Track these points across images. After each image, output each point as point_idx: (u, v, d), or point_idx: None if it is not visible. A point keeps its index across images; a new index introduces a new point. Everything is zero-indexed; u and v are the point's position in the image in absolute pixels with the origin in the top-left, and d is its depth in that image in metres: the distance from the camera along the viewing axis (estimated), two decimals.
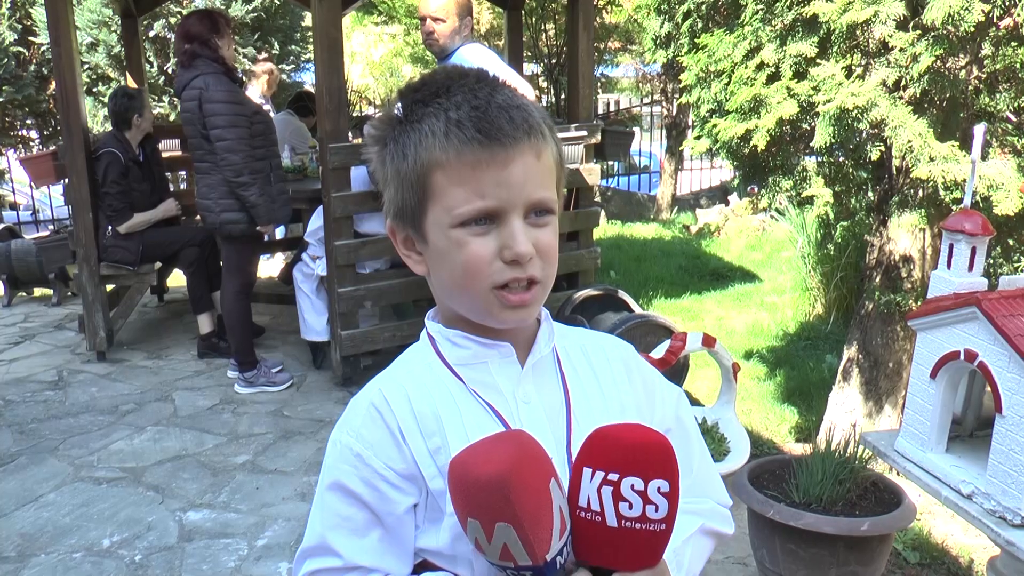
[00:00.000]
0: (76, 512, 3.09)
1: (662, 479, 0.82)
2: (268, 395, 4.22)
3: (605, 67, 11.98)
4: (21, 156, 8.70)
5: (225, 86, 3.98)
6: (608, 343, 1.10)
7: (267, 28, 9.15)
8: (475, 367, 0.98)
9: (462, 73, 0.96)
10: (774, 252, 7.61)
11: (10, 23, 8.52)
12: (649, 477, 0.82)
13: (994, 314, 1.70)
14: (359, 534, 0.95)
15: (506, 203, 0.90)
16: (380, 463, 0.93)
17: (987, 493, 1.74)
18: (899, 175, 3.12)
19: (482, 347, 0.98)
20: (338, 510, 0.96)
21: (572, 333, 1.09)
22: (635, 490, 0.82)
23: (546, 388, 1.00)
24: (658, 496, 0.82)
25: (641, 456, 0.83)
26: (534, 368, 1.00)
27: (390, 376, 1.01)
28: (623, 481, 0.82)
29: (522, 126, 0.91)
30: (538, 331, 1.01)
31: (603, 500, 0.83)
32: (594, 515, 0.84)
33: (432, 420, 0.94)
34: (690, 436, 1.10)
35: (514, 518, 0.78)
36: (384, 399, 0.96)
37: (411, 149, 0.93)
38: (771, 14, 2.93)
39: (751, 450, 3.25)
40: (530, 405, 0.97)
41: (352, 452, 0.95)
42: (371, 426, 0.95)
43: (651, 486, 0.82)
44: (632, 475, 0.82)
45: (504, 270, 0.91)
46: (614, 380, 1.04)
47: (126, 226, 4.58)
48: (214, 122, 3.91)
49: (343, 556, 0.95)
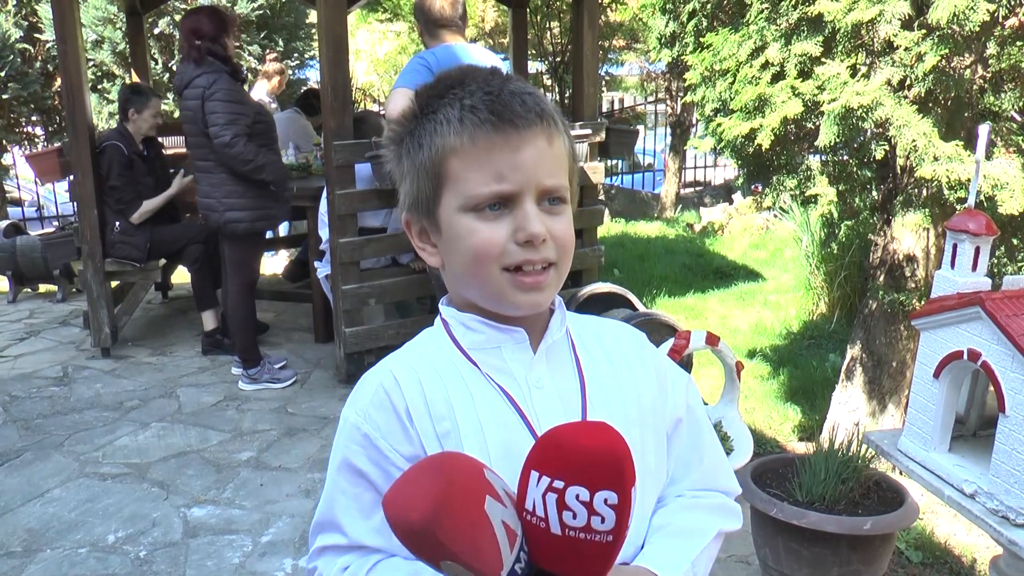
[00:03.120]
0: (81, 508, 3.10)
1: (610, 491, 0.78)
2: (272, 392, 4.23)
3: (610, 65, 11.97)
4: (26, 152, 8.72)
5: (228, 85, 3.99)
6: (622, 330, 1.10)
7: (272, 25, 9.15)
8: (488, 351, 0.98)
9: (476, 68, 0.99)
10: (778, 251, 7.61)
11: (16, 20, 8.53)
12: (596, 488, 0.78)
13: (997, 314, 1.70)
14: (365, 514, 0.96)
15: (520, 186, 0.92)
16: (386, 444, 0.94)
17: (990, 492, 1.74)
18: (903, 174, 3.11)
19: (496, 331, 0.98)
20: (345, 488, 0.97)
21: (586, 320, 1.09)
22: (580, 500, 0.79)
23: (560, 373, 1.00)
24: (605, 508, 0.79)
25: (589, 465, 0.79)
26: (547, 353, 1.00)
27: (402, 358, 1.01)
28: (568, 490, 0.79)
29: (535, 109, 0.93)
30: (551, 318, 1.02)
31: (547, 507, 0.80)
32: (539, 520, 0.81)
33: (443, 404, 0.94)
34: (700, 424, 1.11)
35: (453, 556, 0.76)
36: (394, 380, 0.96)
37: (426, 139, 0.95)
38: (776, 13, 2.93)
39: (754, 449, 3.24)
40: (543, 390, 0.98)
41: (360, 432, 0.96)
42: (379, 407, 0.95)
43: (597, 497, 0.78)
44: (578, 484, 0.79)
45: (517, 252, 0.92)
46: (629, 366, 1.05)
47: (138, 214, 4.59)
48: (213, 119, 3.92)
49: (348, 534, 0.96)
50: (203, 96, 3.94)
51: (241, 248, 4.26)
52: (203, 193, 4.16)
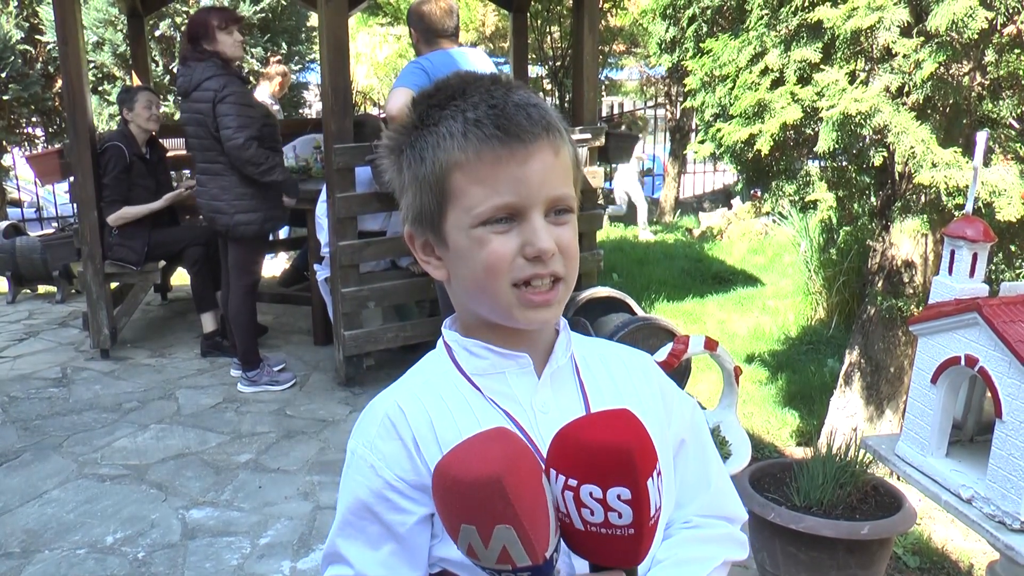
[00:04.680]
0: (80, 509, 3.10)
1: (621, 487, 0.78)
2: (271, 394, 4.23)
3: (610, 70, 11.99)
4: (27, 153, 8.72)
5: (239, 88, 4.01)
6: (626, 353, 1.09)
7: (274, 29, 9.17)
8: (493, 377, 0.97)
9: (476, 76, 0.96)
10: (776, 256, 7.62)
11: (17, 21, 8.54)
12: (608, 485, 0.78)
13: (995, 320, 1.70)
14: (372, 546, 0.95)
15: (527, 200, 0.90)
16: (391, 474, 0.93)
17: (987, 497, 1.75)
18: (902, 180, 3.12)
19: (500, 357, 0.97)
20: (352, 520, 0.96)
21: (590, 343, 1.08)
22: (594, 498, 0.79)
23: (565, 397, 0.99)
24: (619, 503, 0.78)
25: (597, 463, 0.79)
26: (552, 377, 0.99)
27: (406, 386, 1.00)
28: (581, 488, 0.79)
29: (540, 122, 0.91)
30: (556, 341, 1.00)
31: (567, 504, 0.80)
32: (563, 515, 0.82)
33: (450, 431, 0.93)
34: (707, 449, 1.09)
35: (514, 518, 0.76)
36: (400, 410, 0.95)
37: (429, 152, 0.92)
38: (776, 19, 2.94)
39: (752, 453, 3.25)
40: (548, 415, 0.96)
41: (366, 463, 0.95)
42: (385, 437, 0.94)
43: (610, 494, 0.78)
44: (590, 483, 0.79)
45: (526, 267, 0.90)
46: (634, 389, 1.03)
47: (114, 217, 4.58)
48: (225, 122, 3.92)
49: (355, 566, 0.96)
50: (214, 99, 3.94)
51: (246, 250, 4.26)
52: (210, 196, 4.14)
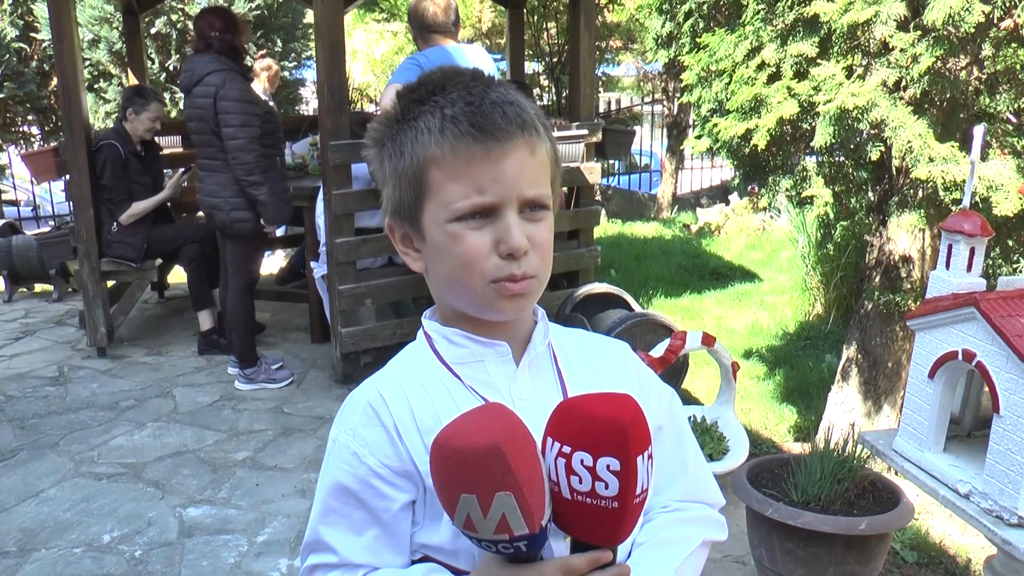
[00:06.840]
0: (76, 507, 3.10)
1: (612, 457, 0.81)
2: (268, 392, 4.22)
3: (606, 66, 11.99)
4: (22, 151, 8.71)
5: (241, 84, 4.00)
6: (604, 342, 1.12)
7: (270, 26, 9.16)
8: (472, 365, 0.99)
9: (458, 72, 0.98)
10: (774, 252, 7.62)
11: (12, 19, 8.52)
12: (599, 453, 0.81)
13: (992, 314, 1.70)
14: (356, 532, 0.96)
15: (501, 197, 0.92)
16: (375, 460, 0.95)
17: (984, 492, 1.75)
18: (899, 175, 3.12)
19: (479, 346, 0.99)
20: (336, 507, 0.97)
21: (568, 332, 1.10)
22: (584, 465, 0.82)
23: (543, 385, 1.01)
24: (607, 474, 0.81)
25: (593, 431, 0.82)
26: (530, 365, 1.01)
27: (387, 375, 1.02)
28: (574, 455, 0.82)
29: (515, 121, 0.92)
30: (534, 330, 1.03)
31: (558, 471, 0.83)
32: (553, 484, 0.84)
33: (431, 418, 0.94)
34: (684, 436, 1.12)
35: (515, 484, 0.79)
36: (380, 398, 0.97)
37: (407, 146, 0.94)
38: (772, 14, 2.93)
39: (750, 449, 3.26)
40: (527, 402, 0.98)
41: (349, 450, 0.96)
42: (367, 424, 0.96)
43: (600, 463, 0.81)
44: (582, 450, 0.82)
45: (501, 266, 0.92)
46: (612, 375, 1.05)
47: (126, 215, 4.58)
48: (227, 120, 3.91)
49: (338, 553, 0.97)
50: (215, 95, 3.92)
51: (244, 248, 4.25)
52: (208, 192, 4.13)
